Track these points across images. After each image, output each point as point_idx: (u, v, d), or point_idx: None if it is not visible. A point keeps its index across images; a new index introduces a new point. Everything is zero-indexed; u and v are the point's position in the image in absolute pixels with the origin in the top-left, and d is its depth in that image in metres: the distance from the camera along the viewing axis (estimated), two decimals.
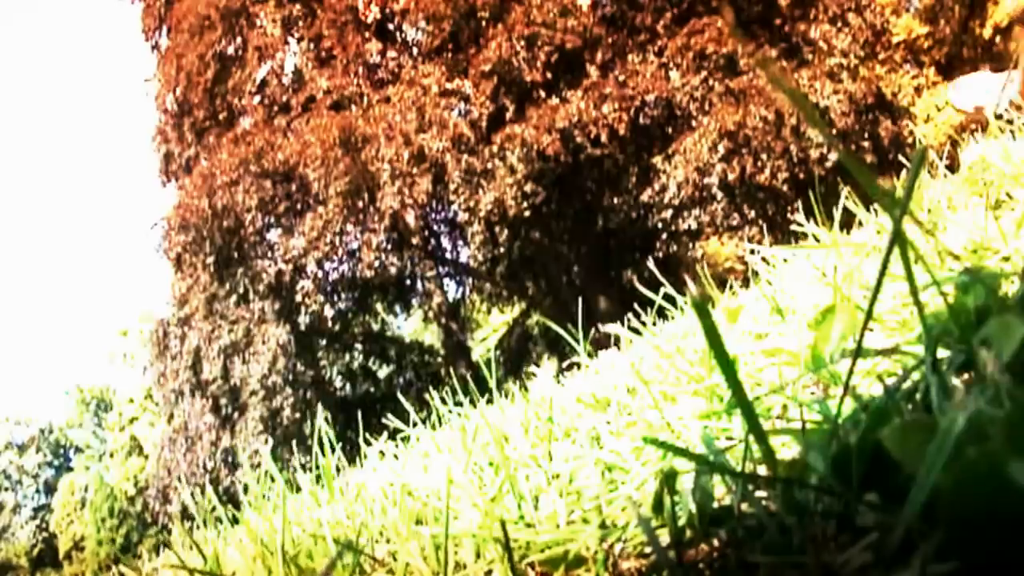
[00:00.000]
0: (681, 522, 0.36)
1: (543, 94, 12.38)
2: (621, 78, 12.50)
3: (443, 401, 0.76)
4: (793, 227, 0.78)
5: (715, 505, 0.36)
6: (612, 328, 0.75)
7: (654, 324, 0.74)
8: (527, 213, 12.16)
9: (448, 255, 16.52)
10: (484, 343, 22.04)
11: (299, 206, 13.69)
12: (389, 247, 13.77)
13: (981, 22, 12.78)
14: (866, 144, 12.39)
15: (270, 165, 13.04)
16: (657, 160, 12.62)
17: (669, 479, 0.38)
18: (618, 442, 0.51)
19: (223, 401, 14.28)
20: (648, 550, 0.39)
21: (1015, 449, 0.23)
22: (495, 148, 12.11)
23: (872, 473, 0.29)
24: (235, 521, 0.77)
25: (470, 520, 0.48)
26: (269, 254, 14.01)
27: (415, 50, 13.51)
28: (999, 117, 0.68)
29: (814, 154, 11.94)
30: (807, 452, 0.32)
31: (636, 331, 0.70)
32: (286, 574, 0.52)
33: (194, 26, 14.26)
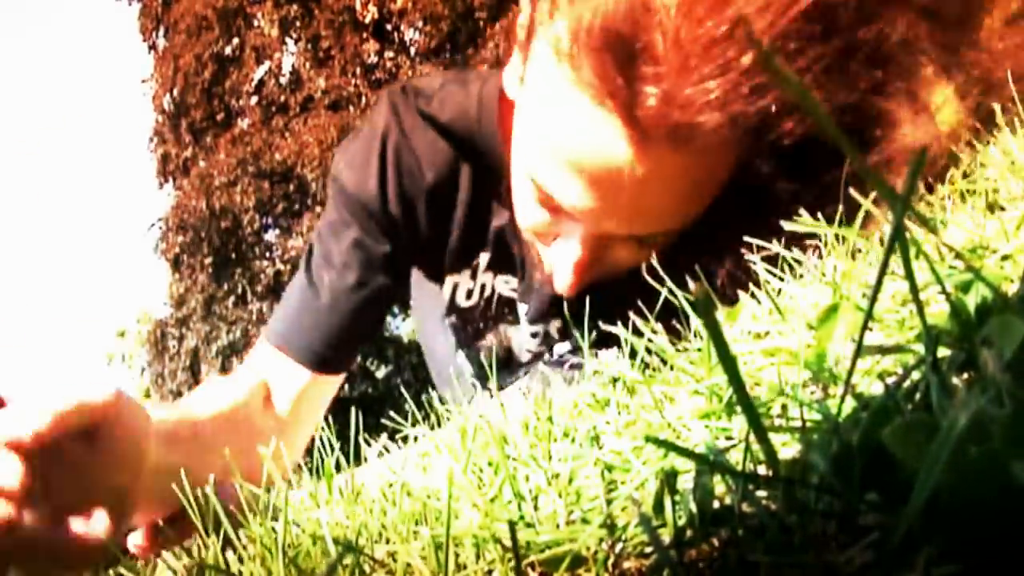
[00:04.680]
0: (681, 522, 0.36)
1: None
2: None
3: (441, 401, 0.76)
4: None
5: (716, 505, 0.36)
6: (611, 327, 0.75)
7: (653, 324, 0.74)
8: None
9: None
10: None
11: (297, 206, 13.68)
12: None
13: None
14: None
15: (268, 165, 13.04)
16: None
17: (670, 479, 0.38)
18: (618, 442, 0.51)
19: None
20: (649, 550, 0.38)
21: (1017, 449, 0.23)
22: None
23: (873, 472, 0.29)
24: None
25: (470, 520, 0.47)
26: (267, 254, 14.00)
27: (413, 50, 13.50)
28: None
29: None
30: (808, 451, 0.32)
31: (637, 331, 0.70)
32: (286, 575, 0.52)
33: (191, 27, 14.24)
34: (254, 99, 14.38)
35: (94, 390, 0.63)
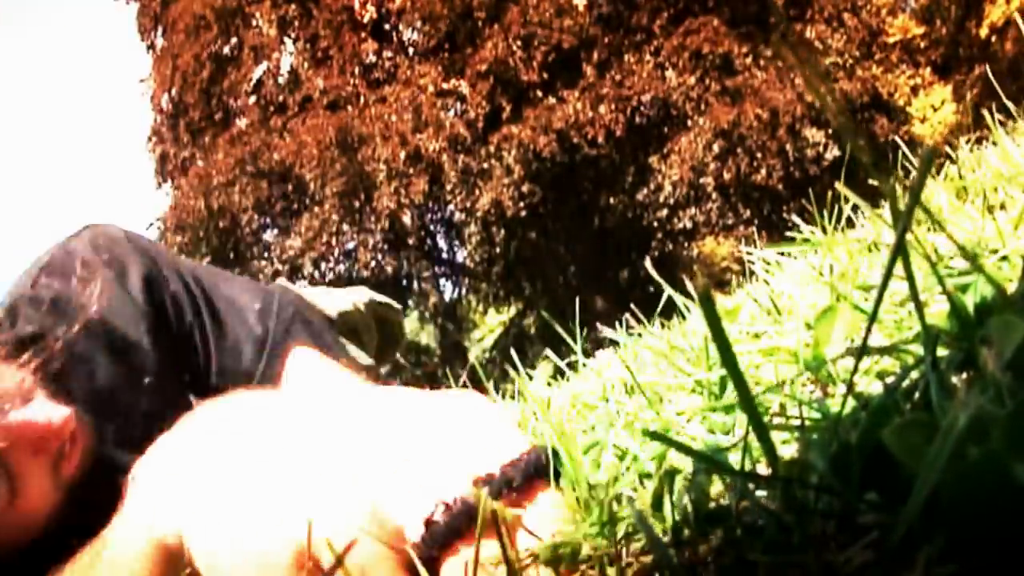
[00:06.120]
0: (680, 520, 0.36)
1: (540, 94, 12.37)
2: (617, 78, 12.50)
3: None
4: (788, 226, 0.78)
5: (714, 504, 0.36)
6: (610, 330, 0.75)
7: (651, 324, 0.74)
8: (524, 214, 12.15)
9: (444, 255, 16.49)
10: (480, 344, 22.01)
11: (295, 206, 13.66)
12: (386, 247, 13.73)
13: (977, 22, 12.81)
14: (862, 143, 12.40)
15: (266, 165, 13.02)
16: (653, 160, 12.62)
17: (668, 477, 0.38)
18: (617, 440, 0.51)
19: None
20: (647, 548, 0.38)
21: (1016, 449, 0.23)
22: (492, 149, 12.10)
23: (873, 472, 0.29)
24: None
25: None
26: (266, 255, 13.97)
27: (411, 50, 13.49)
28: None
29: (810, 153, 11.94)
30: (807, 450, 0.32)
31: (635, 332, 0.70)
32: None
33: (190, 26, 14.22)
34: (252, 99, 14.36)
35: None
